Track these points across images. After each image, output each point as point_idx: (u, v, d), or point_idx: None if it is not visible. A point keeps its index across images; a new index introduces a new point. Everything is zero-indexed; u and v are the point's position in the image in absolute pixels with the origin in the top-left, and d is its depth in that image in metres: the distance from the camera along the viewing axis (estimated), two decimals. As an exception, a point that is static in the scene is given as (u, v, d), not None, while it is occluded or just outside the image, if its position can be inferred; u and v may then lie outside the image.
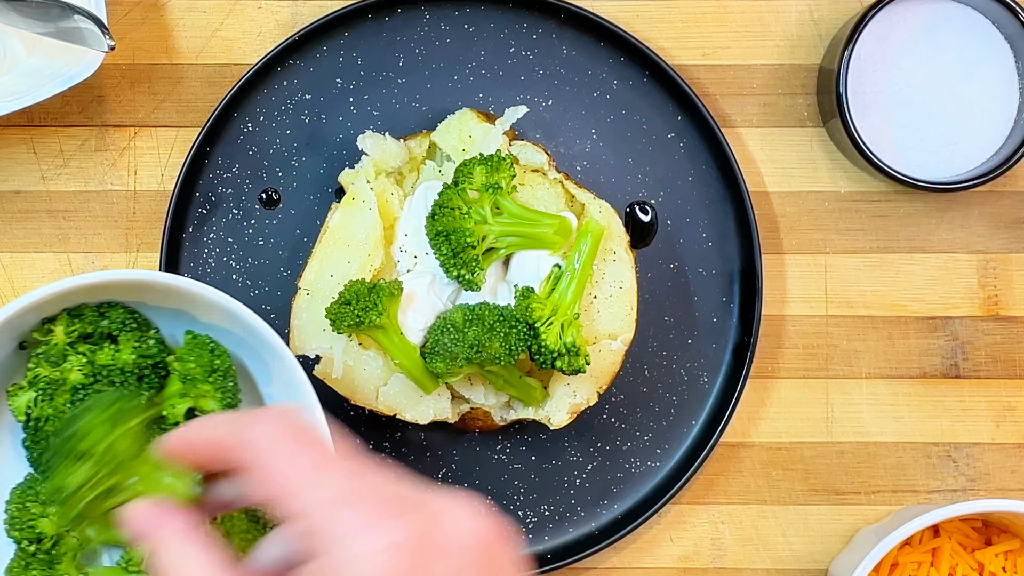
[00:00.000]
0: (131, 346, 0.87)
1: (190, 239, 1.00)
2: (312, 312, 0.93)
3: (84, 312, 0.88)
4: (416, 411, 0.94)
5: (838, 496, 1.02)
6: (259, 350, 0.88)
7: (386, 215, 0.95)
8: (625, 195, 1.01)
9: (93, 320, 0.88)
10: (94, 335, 0.88)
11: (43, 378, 0.86)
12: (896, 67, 0.99)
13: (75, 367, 0.86)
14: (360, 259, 0.93)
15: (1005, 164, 0.97)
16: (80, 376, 0.86)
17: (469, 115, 0.98)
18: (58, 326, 0.87)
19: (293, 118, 1.00)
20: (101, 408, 0.69)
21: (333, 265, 0.93)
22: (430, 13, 1.00)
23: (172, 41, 1.02)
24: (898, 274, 1.03)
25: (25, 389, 0.86)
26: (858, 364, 1.02)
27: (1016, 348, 1.03)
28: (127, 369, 0.87)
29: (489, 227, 0.91)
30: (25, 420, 0.87)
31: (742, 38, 1.03)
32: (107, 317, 0.88)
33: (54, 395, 0.86)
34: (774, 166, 1.03)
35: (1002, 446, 1.03)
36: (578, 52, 1.01)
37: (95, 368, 0.86)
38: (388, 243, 0.95)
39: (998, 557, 0.95)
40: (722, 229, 1.01)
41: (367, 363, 0.93)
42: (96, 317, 0.88)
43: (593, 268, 0.93)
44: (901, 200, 1.03)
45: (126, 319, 0.88)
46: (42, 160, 1.02)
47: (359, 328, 0.90)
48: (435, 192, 0.93)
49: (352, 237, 0.93)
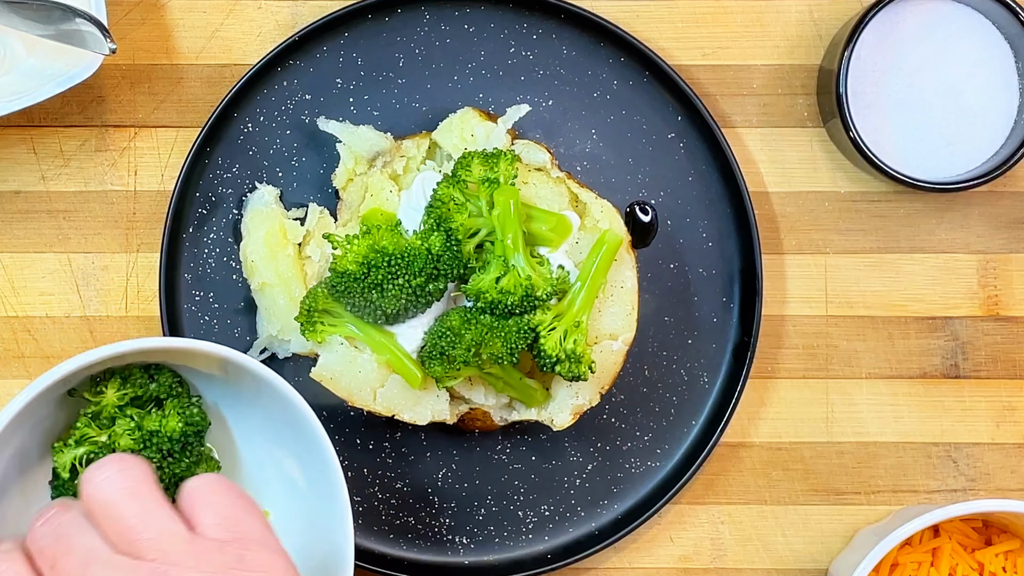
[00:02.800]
0: (176, 413, 0.88)
1: (190, 239, 1.00)
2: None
3: (134, 373, 0.88)
4: (414, 412, 0.94)
5: (838, 496, 1.02)
6: (300, 432, 0.88)
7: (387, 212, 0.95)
8: (625, 195, 1.01)
9: (143, 384, 0.88)
10: (143, 398, 0.89)
11: (91, 439, 0.86)
12: (896, 67, 0.99)
13: (124, 431, 0.87)
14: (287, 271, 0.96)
15: (1005, 164, 0.97)
16: (130, 442, 0.86)
17: (471, 114, 0.98)
18: (110, 388, 0.87)
19: (293, 118, 1.00)
20: None
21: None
22: (430, 13, 1.00)
23: (172, 41, 1.02)
24: (898, 274, 1.03)
25: (71, 447, 0.86)
26: (858, 364, 1.02)
27: (1016, 348, 1.03)
28: (174, 437, 0.87)
29: (485, 221, 0.91)
30: (68, 477, 0.87)
31: (742, 38, 1.03)
32: (156, 381, 0.88)
33: (100, 457, 0.86)
34: (774, 166, 1.03)
35: (1002, 446, 1.03)
36: (578, 52, 1.01)
37: (144, 434, 0.87)
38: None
39: (998, 557, 0.96)
40: (722, 229, 1.01)
41: (363, 365, 0.93)
42: (145, 380, 0.88)
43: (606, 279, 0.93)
44: (901, 200, 1.03)
45: (173, 383, 0.89)
46: (42, 160, 1.02)
47: (324, 334, 0.91)
48: (432, 184, 0.93)
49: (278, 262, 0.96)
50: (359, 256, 0.89)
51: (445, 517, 1.00)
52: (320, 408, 0.99)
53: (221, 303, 1.00)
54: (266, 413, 0.89)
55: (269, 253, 0.97)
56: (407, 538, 1.00)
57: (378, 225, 0.91)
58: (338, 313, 0.92)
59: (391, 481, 1.00)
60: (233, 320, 1.00)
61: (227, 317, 1.00)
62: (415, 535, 1.00)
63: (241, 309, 1.00)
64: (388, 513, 1.00)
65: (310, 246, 0.97)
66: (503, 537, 1.00)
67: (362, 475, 1.00)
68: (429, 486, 1.00)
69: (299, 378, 0.98)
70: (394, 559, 0.99)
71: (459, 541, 1.00)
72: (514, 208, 0.90)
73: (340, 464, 0.86)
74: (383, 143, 0.98)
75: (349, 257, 0.89)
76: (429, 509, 1.00)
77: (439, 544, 1.00)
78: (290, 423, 0.87)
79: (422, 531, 1.00)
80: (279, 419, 0.88)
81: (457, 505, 1.00)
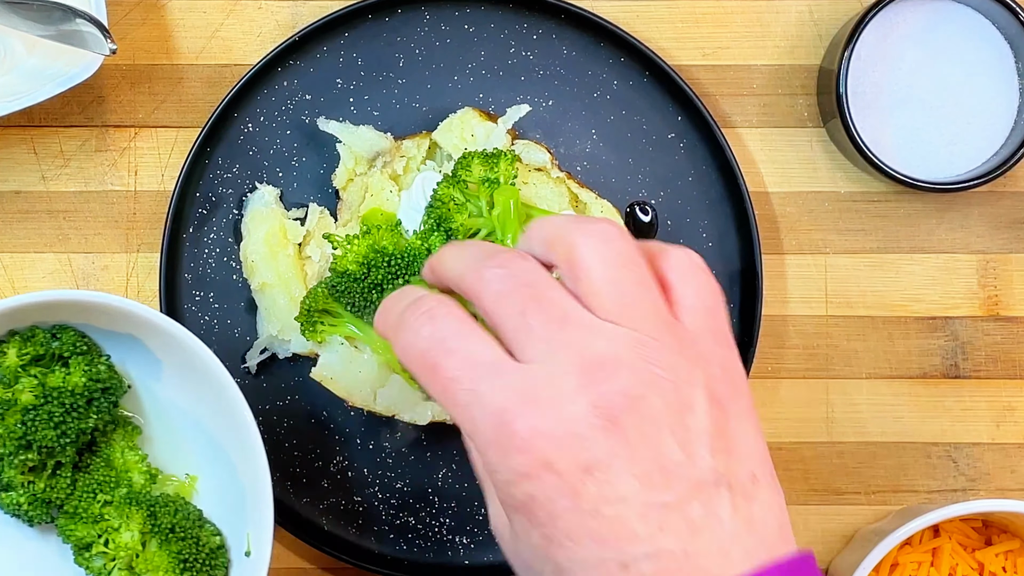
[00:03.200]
0: (81, 369, 0.88)
1: (190, 239, 1.00)
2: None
3: (36, 334, 0.89)
4: (414, 412, 0.94)
5: (838, 496, 1.02)
6: (209, 381, 0.89)
7: (387, 212, 0.95)
8: (625, 195, 1.01)
9: (45, 342, 0.89)
10: (45, 357, 0.89)
11: None
12: (896, 67, 0.99)
13: (26, 388, 0.87)
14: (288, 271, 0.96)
15: (1005, 164, 0.97)
16: (31, 397, 0.87)
17: (471, 114, 0.98)
18: (11, 348, 0.88)
19: (293, 118, 1.00)
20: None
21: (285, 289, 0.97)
22: (430, 13, 1.00)
23: (172, 41, 1.02)
24: (898, 274, 1.03)
25: None
26: (858, 364, 1.02)
27: (1016, 348, 1.03)
28: (77, 391, 0.88)
29: (485, 221, 0.91)
30: None
31: (742, 38, 1.03)
32: (59, 339, 0.89)
33: (5, 415, 0.87)
34: (774, 166, 1.03)
35: (1002, 446, 1.03)
36: (578, 52, 1.01)
37: (46, 390, 0.87)
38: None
39: (998, 557, 0.96)
40: (722, 229, 1.01)
41: (363, 365, 0.93)
42: (48, 339, 0.89)
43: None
44: (901, 200, 1.03)
45: (77, 342, 0.89)
46: (42, 160, 1.02)
47: (324, 334, 0.91)
48: (432, 184, 0.93)
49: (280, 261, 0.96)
50: (359, 256, 0.89)
51: (445, 517, 1.00)
52: (320, 408, 0.99)
53: (221, 303, 1.00)
54: (183, 373, 0.90)
55: (269, 253, 0.97)
56: (407, 538, 1.00)
57: (378, 225, 0.91)
58: (338, 313, 0.92)
59: (391, 481, 1.00)
60: (233, 320, 1.00)
61: (227, 317, 1.00)
62: (415, 535, 1.00)
63: (241, 309, 1.00)
64: (388, 513, 1.00)
65: (310, 246, 0.97)
66: (503, 537, 1.00)
67: (362, 475, 1.00)
68: (429, 486, 1.00)
69: (299, 378, 0.99)
70: (394, 559, 0.99)
71: (459, 541, 1.00)
72: (514, 208, 0.90)
73: (255, 419, 0.87)
74: (383, 143, 0.98)
75: (349, 257, 0.89)
76: (429, 509, 1.00)
77: (439, 544, 1.00)
78: (205, 381, 0.88)
79: (422, 531, 1.00)
80: (194, 378, 0.89)
81: (457, 505, 1.00)
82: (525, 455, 0.59)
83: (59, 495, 0.90)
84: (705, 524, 0.59)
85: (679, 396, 0.61)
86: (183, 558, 0.88)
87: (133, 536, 0.88)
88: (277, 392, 1.00)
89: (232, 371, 0.98)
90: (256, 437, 0.86)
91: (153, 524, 0.88)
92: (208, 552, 0.89)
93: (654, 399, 0.60)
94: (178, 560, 0.88)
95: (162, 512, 0.89)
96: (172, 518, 0.88)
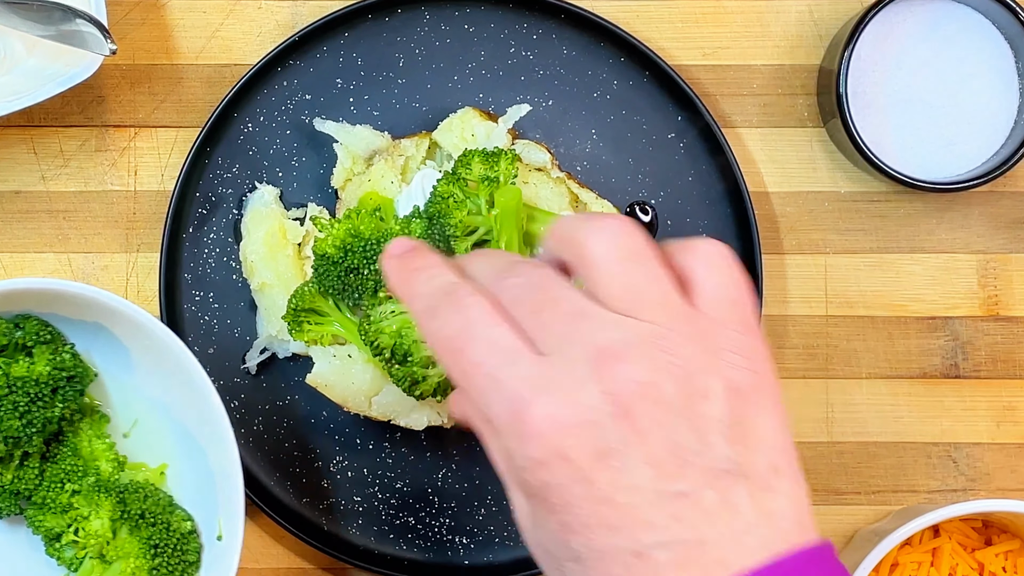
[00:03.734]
0: (46, 358, 0.88)
1: (190, 239, 1.00)
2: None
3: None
4: (410, 418, 0.94)
5: (838, 496, 1.02)
6: (178, 368, 0.89)
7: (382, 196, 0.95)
8: (625, 195, 1.01)
9: (8, 332, 0.89)
10: (8, 347, 0.89)
11: None
12: (896, 67, 0.99)
13: None
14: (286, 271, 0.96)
15: (1005, 164, 0.97)
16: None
17: (471, 114, 0.98)
18: None
19: (293, 118, 1.00)
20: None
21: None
22: (430, 13, 1.00)
23: (172, 41, 1.02)
24: (898, 274, 1.03)
25: None
26: (858, 364, 1.02)
27: (1016, 348, 1.03)
28: (42, 381, 0.87)
29: (483, 219, 0.91)
30: None
31: (742, 38, 1.03)
32: (22, 328, 0.89)
33: None
34: (774, 166, 1.03)
35: (1002, 446, 1.03)
36: (578, 52, 1.01)
37: (10, 380, 0.87)
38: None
39: (998, 557, 0.95)
40: (722, 229, 1.01)
41: (356, 376, 0.93)
42: (11, 329, 0.89)
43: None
44: (901, 200, 1.03)
45: (40, 331, 0.89)
46: (42, 160, 1.02)
47: (310, 333, 0.91)
48: (431, 181, 0.93)
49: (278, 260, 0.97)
50: (337, 239, 0.89)
51: (445, 517, 1.00)
52: (320, 408, 0.99)
53: (221, 303, 1.00)
54: (151, 360, 0.90)
55: (269, 253, 0.97)
56: (407, 538, 1.00)
57: (358, 210, 0.91)
58: (324, 312, 0.92)
59: (391, 481, 1.00)
60: (233, 320, 1.00)
61: (227, 317, 1.00)
62: (415, 535, 1.00)
63: (241, 309, 1.00)
64: (388, 513, 1.00)
65: (310, 246, 0.97)
66: (503, 537, 1.00)
67: (362, 475, 1.00)
68: (429, 486, 1.00)
69: (299, 378, 0.98)
70: (394, 559, 0.99)
71: (459, 541, 1.00)
72: (515, 210, 0.90)
73: (225, 407, 0.87)
74: (380, 142, 0.98)
75: (328, 240, 0.89)
76: (429, 509, 1.00)
77: (439, 544, 1.00)
78: (174, 368, 0.88)
79: (422, 531, 1.00)
80: (163, 365, 0.89)
81: (457, 505, 1.00)
82: (539, 442, 0.60)
83: (27, 486, 0.89)
84: (720, 513, 0.59)
85: (693, 384, 0.60)
86: (154, 543, 0.88)
87: (103, 524, 0.88)
88: (277, 392, 1.00)
89: (232, 371, 0.99)
90: (225, 422, 0.87)
91: (123, 511, 0.88)
92: (179, 537, 0.89)
93: (666, 386, 0.60)
94: (149, 546, 0.88)
95: (132, 499, 0.88)
96: (142, 504, 0.88)
